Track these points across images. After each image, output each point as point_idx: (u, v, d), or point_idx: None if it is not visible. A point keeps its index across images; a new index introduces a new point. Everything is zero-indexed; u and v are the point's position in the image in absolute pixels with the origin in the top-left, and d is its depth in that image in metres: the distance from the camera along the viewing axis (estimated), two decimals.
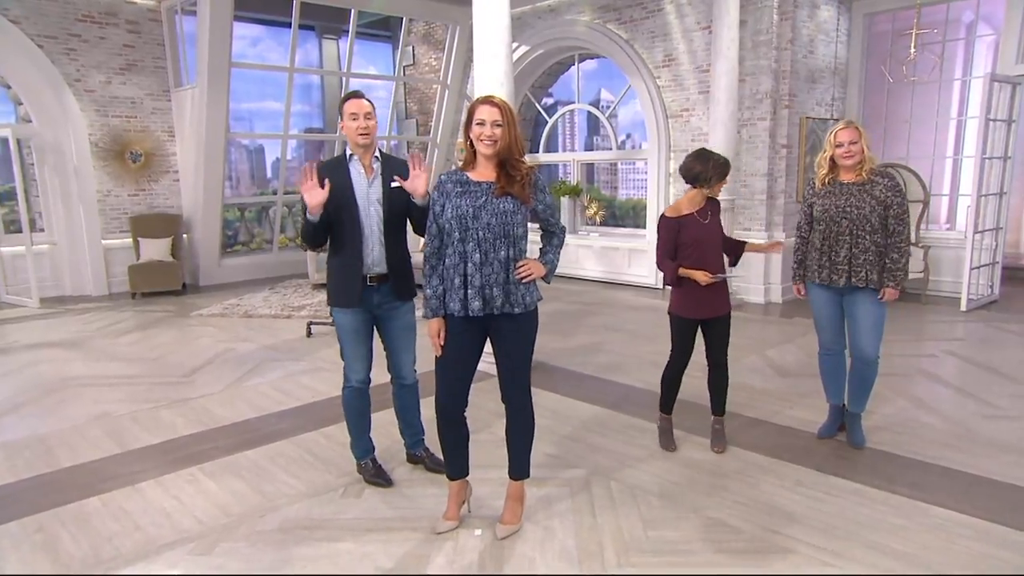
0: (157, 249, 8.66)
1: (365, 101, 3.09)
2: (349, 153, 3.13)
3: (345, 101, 3.09)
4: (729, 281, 3.64)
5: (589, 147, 10.50)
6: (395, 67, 11.62)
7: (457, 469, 2.94)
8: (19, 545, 2.90)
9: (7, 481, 3.52)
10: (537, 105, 10.24)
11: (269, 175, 12.23)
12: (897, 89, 7.86)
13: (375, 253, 3.11)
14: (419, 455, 3.53)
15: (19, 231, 8.11)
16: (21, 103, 8.41)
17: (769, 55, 7.19)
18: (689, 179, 3.50)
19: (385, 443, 3.67)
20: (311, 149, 12.68)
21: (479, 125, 2.63)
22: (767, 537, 2.84)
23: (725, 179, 3.53)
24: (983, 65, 8.43)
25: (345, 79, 10.31)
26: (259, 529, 2.98)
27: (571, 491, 3.26)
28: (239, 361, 5.66)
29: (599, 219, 9.78)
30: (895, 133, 8.17)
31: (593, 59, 9.53)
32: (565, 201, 9.66)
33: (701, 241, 3.49)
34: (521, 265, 2.70)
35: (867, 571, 2.60)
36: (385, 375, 3.40)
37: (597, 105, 9.71)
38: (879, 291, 3.48)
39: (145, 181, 9.05)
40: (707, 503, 3.14)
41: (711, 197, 3.57)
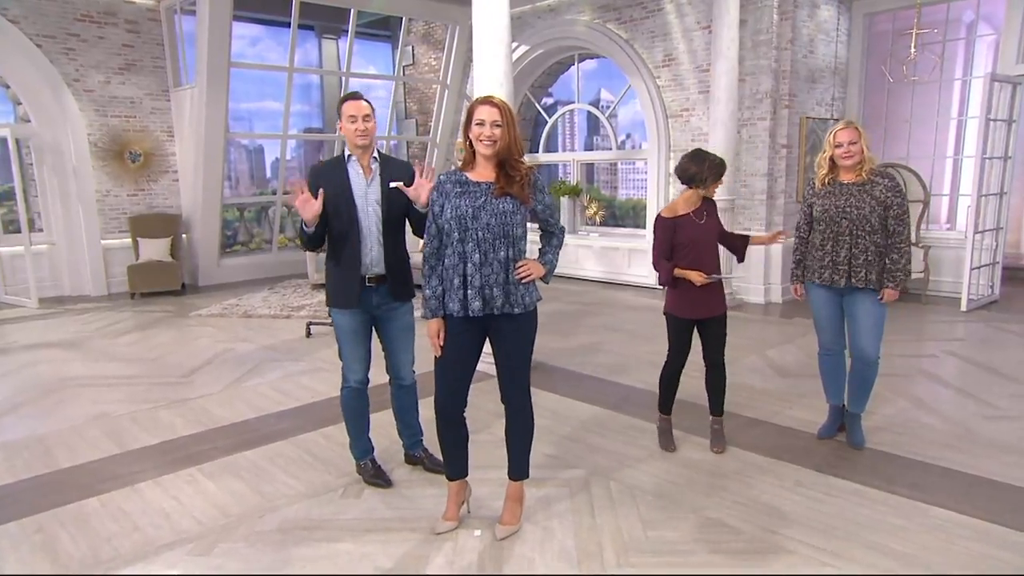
0: (156, 249, 8.65)
1: (364, 102, 3.08)
2: (348, 154, 3.12)
3: (344, 102, 3.08)
4: (725, 281, 3.64)
5: (589, 147, 10.50)
6: (395, 67, 11.61)
7: (456, 469, 2.94)
8: (18, 546, 2.90)
9: (6, 482, 3.52)
10: (537, 105, 10.24)
11: (268, 175, 12.23)
12: (897, 89, 7.85)
13: (373, 254, 3.11)
14: (418, 456, 3.53)
15: (18, 231, 8.08)
16: (20, 103, 8.39)
17: (769, 55, 7.19)
18: (685, 179, 3.51)
19: (384, 444, 3.67)
20: (310, 149, 12.67)
21: (478, 125, 2.63)
22: (766, 537, 2.84)
23: (721, 179, 3.54)
24: (983, 65, 8.44)
25: (344, 79, 10.31)
26: (258, 529, 2.98)
27: (570, 491, 3.25)
28: (238, 361, 5.65)
29: (599, 219, 9.78)
30: (895, 133, 8.17)
31: (593, 59, 9.52)
32: (565, 201, 9.65)
33: (697, 241, 3.49)
34: (520, 265, 2.70)
35: (866, 571, 2.60)
36: (384, 376, 3.40)
37: (597, 105, 9.71)
38: (879, 291, 3.47)
39: (144, 181, 9.05)
40: (706, 503, 3.13)
41: (707, 197, 3.57)
